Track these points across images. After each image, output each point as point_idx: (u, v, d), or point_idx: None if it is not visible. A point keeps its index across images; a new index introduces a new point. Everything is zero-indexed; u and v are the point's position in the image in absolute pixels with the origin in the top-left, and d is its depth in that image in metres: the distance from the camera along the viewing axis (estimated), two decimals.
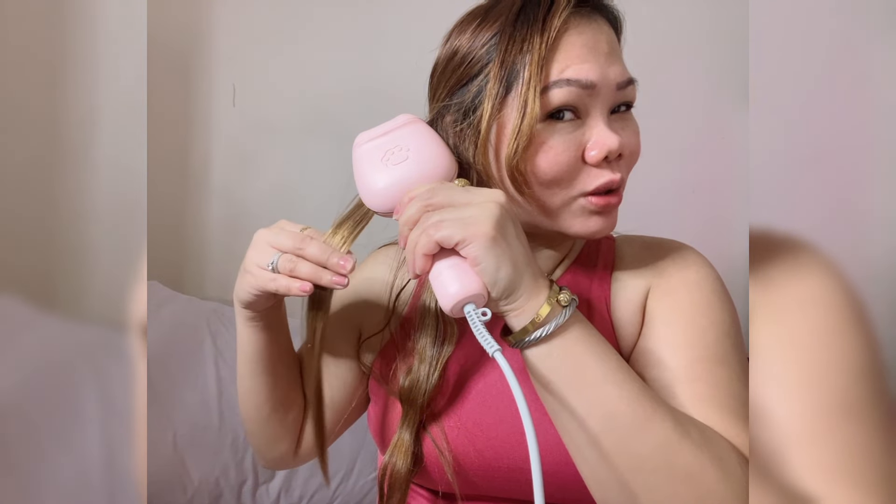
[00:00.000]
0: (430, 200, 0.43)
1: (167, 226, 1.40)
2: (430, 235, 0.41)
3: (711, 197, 1.33)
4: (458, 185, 0.45)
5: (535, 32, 0.47)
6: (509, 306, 0.42)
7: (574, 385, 0.42)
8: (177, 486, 1.01)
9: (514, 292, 0.41)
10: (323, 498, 1.13)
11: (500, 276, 0.41)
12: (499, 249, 0.40)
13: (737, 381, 0.48)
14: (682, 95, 1.30)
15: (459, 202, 0.42)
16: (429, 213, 0.42)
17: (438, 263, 0.43)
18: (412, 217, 0.43)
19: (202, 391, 1.09)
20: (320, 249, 0.48)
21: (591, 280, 0.56)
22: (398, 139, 0.49)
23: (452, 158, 0.49)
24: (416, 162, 0.48)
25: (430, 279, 0.44)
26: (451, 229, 0.40)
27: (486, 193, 0.43)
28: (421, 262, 0.42)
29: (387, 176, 0.48)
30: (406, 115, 0.52)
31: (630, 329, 0.53)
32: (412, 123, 0.51)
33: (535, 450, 0.37)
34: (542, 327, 0.41)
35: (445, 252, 0.42)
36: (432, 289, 0.44)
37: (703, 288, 0.52)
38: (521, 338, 0.42)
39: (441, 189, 0.43)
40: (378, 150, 0.49)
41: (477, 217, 0.41)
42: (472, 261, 0.41)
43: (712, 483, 0.39)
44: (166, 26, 1.35)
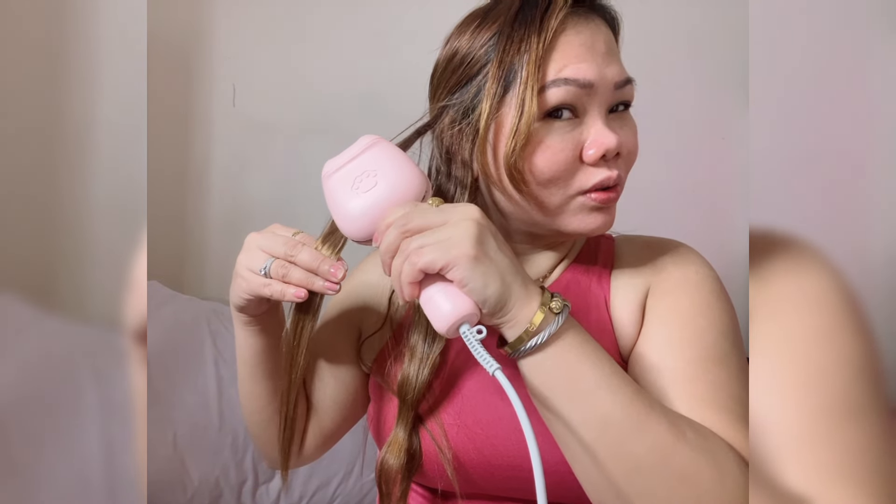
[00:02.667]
0: (407, 227, 0.42)
1: (167, 226, 1.40)
2: (414, 263, 0.41)
3: (711, 197, 1.33)
4: (432, 205, 0.45)
5: (532, 32, 0.47)
6: (503, 318, 0.42)
7: (569, 391, 0.42)
8: (177, 486, 1.01)
9: (505, 305, 0.41)
10: (323, 498, 1.13)
11: (489, 293, 0.41)
12: (483, 267, 0.40)
13: (735, 381, 0.48)
14: (682, 95, 1.30)
15: (435, 223, 0.42)
16: (407, 239, 0.42)
17: (427, 289, 0.43)
18: (392, 245, 0.43)
19: (202, 391, 1.09)
20: (311, 256, 0.48)
21: (590, 279, 0.56)
22: (365, 164, 0.48)
23: (422, 175, 0.49)
24: (385, 186, 0.47)
25: (421, 304, 0.44)
26: (433, 254, 0.40)
27: (460, 211, 0.42)
28: (408, 290, 0.43)
29: (359, 204, 0.47)
30: (368, 136, 0.51)
31: (629, 328, 0.53)
32: (376, 145, 0.50)
33: (539, 468, 0.37)
34: (536, 336, 0.41)
35: (432, 276, 0.42)
36: (425, 313, 0.44)
37: (702, 288, 0.52)
38: (517, 347, 0.42)
39: (415, 212, 0.43)
40: (347, 179, 0.48)
41: (456, 238, 0.40)
42: (458, 283, 0.41)
43: (709, 484, 0.39)
44: (167, 26, 1.35)
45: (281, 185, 1.39)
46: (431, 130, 0.55)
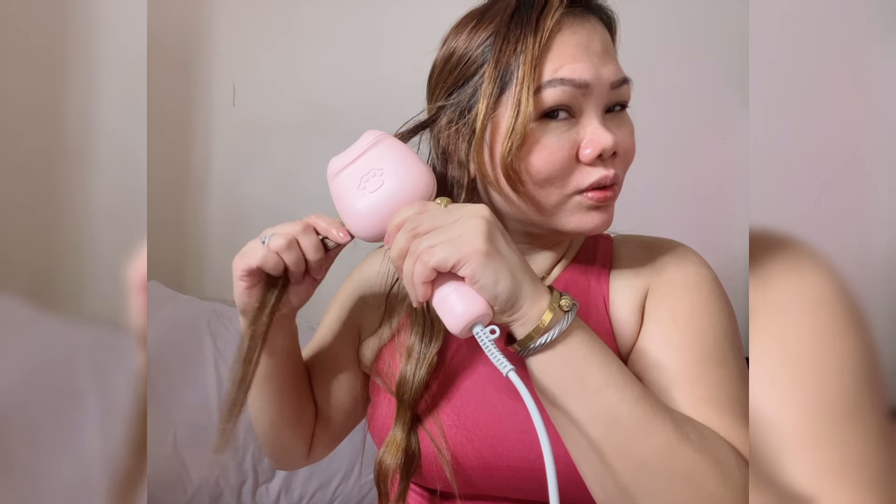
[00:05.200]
0: (417, 228, 0.43)
1: (167, 226, 1.40)
2: (426, 263, 0.41)
3: (711, 197, 1.33)
4: (440, 205, 0.45)
5: (528, 33, 0.47)
6: (513, 316, 0.42)
7: (576, 390, 0.42)
8: (177, 486, 1.01)
9: (516, 302, 0.42)
10: (323, 498, 1.13)
11: (500, 290, 0.41)
12: (494, 263, 0.41)
13: (735, 382, 0.48)
14: (682, 95, 1.30)
15: (445, 223, 0.42)
16: (417, 239, 0.42)
17: (439, 290, 0.43)
18: (402, 248, 0.43)
19: (202, 391, 1.09)
20: (326, 220, 0.50)
21: (589, 279, 0.56)
22: (371, 162, 0.48)
23: (429, 172, 0.49)
24: (393, 185, 0.47)
25: (434, 306, 0.44)
26: (445, 252, 0.40)
27: (469, 210, 0.43)
28: (421, 290, 0.43)
29: (367, 204, 0.47)
30: (372, 132, 0.51)
31: (629, 329, 0.53)
32: (381, 142, 0.49)
33: (552, 471, 0.37)
34: (546, 333, 0.41)
35: (443, 276, 0.42)
36: (438, 314, 0.44)
37: (701, 289, 0.52)
38: (526, 344, 0.42)
39: (425, 213, 0.44)
40: (353, 178, 0.48)
41: (467, 235, 0.41)
42: (470, 279, 0.41)
43: (712, 486, 0.40)
44: (166, 26, 1.35)
45: (281, 185, 1.39)
46: (429, 130, 0.55)
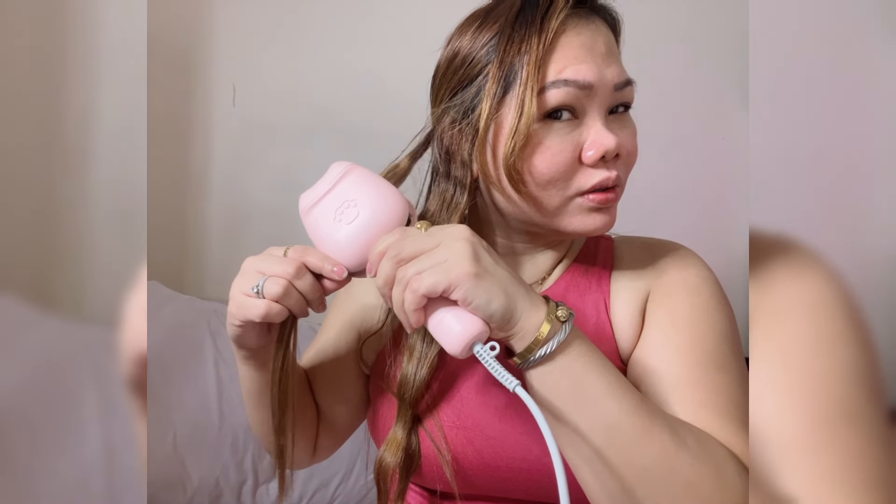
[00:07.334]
0: (401, 255, 0.42)
1: (167, 226, 1.40)
2: (415, 290, 0.41)
3: (711, 197, 1.33)
4: (421, 229, 0.45)
5: (532, 33, 0.47)
6: (511, 331, 0.42)
7: (576, 400, 0.42)
8: (177, 486, 1.01)
9: (511, 317, 0.41)
10: (323, 498, 1.13)
11: (494, 308, 0.40)
12: (485, 283, 0.40)
13: (735, 385, 0.48)
14: (682, 95, 1.30)
15: (429, 247, 0.42)
16: (403, 267, 0.42)
17: (433, 314, 0.42)
18: (388, 275, 0.43)
19: (202, 391, 1.09)
20: (317, 256, 0.47)
21: (590, 280, 0.56)
22: (343, 194, 0.48)
23: (403, 198, 0.48)
24: (368, 215, 0.46)
25: (430, 330, 0.43)
26: (434, 278, 0.40)
27: (450, 232, 0.42)
28: (414, 317, 0.42)
29: (346, 235, 0.46)
30: (340, 163, 0.50)
31: (629, 331, 0.53)
32: (350, 172, 0.49)
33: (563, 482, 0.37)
34: (544, 345, 0.41)
35: (435, 300, 0.42)
36: (435, 338, 0.43)
37: (702, 292, 0.52)
38: (526, 357, 0.42)
39: (406, 239, 0.43)
40: (328, 211, 0.47)
41: (453, 259, 0.40)
42: (463, 302, 0.41)
43: (710, 491, 0.40)
44: (166, 26, 1.35)
45: (281, 186, 1.39)
46: (433, 130, 0.55)
